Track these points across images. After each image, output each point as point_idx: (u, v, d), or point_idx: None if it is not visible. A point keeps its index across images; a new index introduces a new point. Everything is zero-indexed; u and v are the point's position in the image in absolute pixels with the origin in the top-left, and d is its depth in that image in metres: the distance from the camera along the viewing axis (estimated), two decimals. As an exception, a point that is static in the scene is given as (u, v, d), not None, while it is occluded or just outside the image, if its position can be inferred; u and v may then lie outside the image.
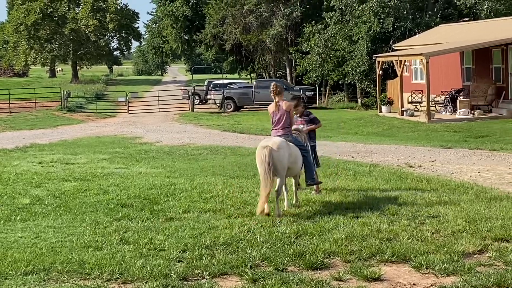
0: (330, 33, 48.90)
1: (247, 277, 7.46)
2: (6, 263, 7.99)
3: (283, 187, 11.24)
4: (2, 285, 7.26)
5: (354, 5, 45.97)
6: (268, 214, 10.52)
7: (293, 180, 11.96)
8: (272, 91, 11.50)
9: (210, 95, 51.77)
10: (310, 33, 51.60)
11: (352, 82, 49.04)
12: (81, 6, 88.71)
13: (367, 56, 44.15)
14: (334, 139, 26.14)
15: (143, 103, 49.98)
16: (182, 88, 62.59)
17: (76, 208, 11.66)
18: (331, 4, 48.80)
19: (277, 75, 63.00)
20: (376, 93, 40.28)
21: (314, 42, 50.16)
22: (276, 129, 11.49)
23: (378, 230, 9.35)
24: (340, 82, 50.73)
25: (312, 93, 49.58)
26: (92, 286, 7.29)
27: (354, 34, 45.96)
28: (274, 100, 11.48)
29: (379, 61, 38.64)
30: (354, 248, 8.45)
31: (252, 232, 9.42)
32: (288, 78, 59.55)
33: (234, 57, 68.57)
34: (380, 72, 39.06)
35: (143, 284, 7.33)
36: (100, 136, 29.04)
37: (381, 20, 43.79)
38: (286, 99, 11.86)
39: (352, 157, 19.25)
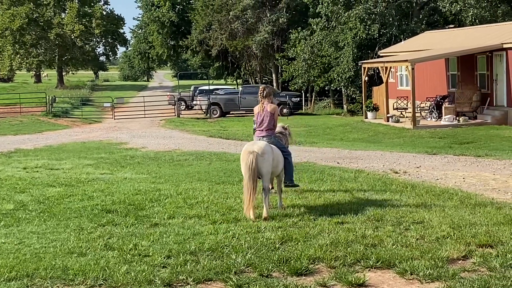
0: (316, 39, 49.05)
1: (231, 283, 7.44)
2: (-11, 269, 7.94)
3: (281, 185, 11.93)
4: (-15, 292, 7.21)
5: (340, 11, 46.13)
6: (253, 220, 10.55)
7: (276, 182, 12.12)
8: (260, 93, 11.92)
9: (196, 100, 51.75)
10: (296, 39, 51.75)
11: (338, 88, 49.20)
12: (67, 11, 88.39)
13: (353, 63, 44.33)
14: (319, 145, 26.18)
15: (129, 109, 49.88)
16: (168, 93, 62.55)
17: (60, 213, 11.59)
18: (317, 11, 48.96)
19: (263, 81, 63.07)
20: (362, 99, 40.40)
21: (300, 48, 50.30)
22: (260, 130, 11.92)
23: (363, 236, 9.35)
24: (326, 88, 50.88)
25: (298, 99, 49.66)
26: (76, 292, 7.25)
27: (340, 41, 46.14)
28: (261, 102, 11.88)
29: (365, 68, 38.77)
30: (339, 254, 8.44)
31: (237, 238, 9.40)
32: (274, 84, 59.63)
33: (220, 63, 68.65)
34: (366, 78, 39.19)
35: (127, 290, 7.30)
36: (86, 141, 28.94)
37: (367, 27, 43.98)
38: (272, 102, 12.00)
39: (338, 163, 19.27)
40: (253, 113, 12.56)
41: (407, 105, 36.40)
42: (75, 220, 10.98)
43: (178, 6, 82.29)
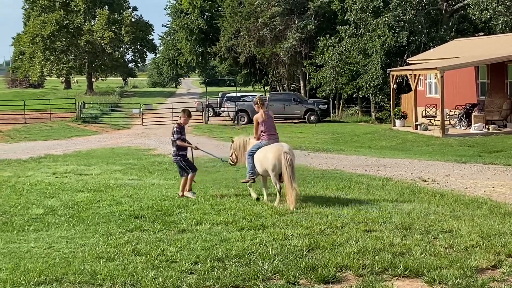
0: (344, 46, 48.98)
1: (258, 290, 7.44)
2: (19, 273, 8.00)
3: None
4: (15, 295, 7.28)
5: (369, 18, 46.02)
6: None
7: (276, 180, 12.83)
8: (258, 103, 13.48)
9: (224, 107, 51.88)
10: (324, 46, 51.70)
11: (366, 96, 49.05)
12: (96, 18, 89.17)
13: (381, 70, 44.16)
14: (347, 152, 26.10)
15: (157, 115, 50.13)
16: (196, 100, 62.77)
17: (89, 218, 11.69)
18: (345, 18, 48.90)
19: (291, 88, 63.03)
20: (390, 107, 40.22)
21: (328, 55, 50.24)
22: (271, 134, 13.31)
23: (391, 244, 9.29)
24: (354, 95, 50.76)
25: (326, 106, 49.59)
26: (104, 297, 7.29)
27: (369, 48, 46.00)
28: (261, 110, 13.35)
29: (393, 75, 38.59)
30: (367, 262, 8.39)
31: (264, 245, 9.39)
32: (302, 91, 59.56)
33: (248, 70, 68.70)
34: (394, 86, 39.00)
35: (154, 295, 7.32)
36: (114, 147, 29.15)
37: (396, 34, 43.82)
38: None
39: (365, 170, 19.19)
40: (279, 120, 12.94)
41: (436, 113, 36.13)
42: (104, 225, 11.05)
43: (206, 13, 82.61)
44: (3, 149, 28.87)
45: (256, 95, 59.03)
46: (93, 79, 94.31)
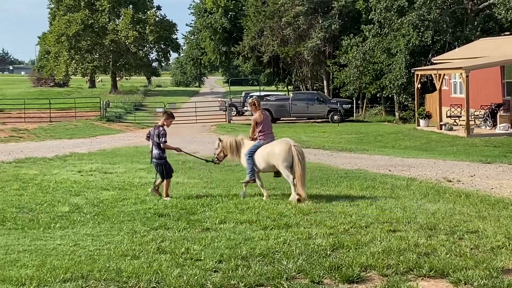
0: (368, 46, 48.79)
1: (282, 288, 7.45)
2: (45, 270, 8.08)
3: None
4: (41, 292, 7.35)
5: (393, 18, 45.82)
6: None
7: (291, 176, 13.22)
8: (255, 104, 13.85)
9: (247, 106, 51.88)
10: (348, 45, 51.55)
11: (390, 95, 48.84)
12: (121, 18, 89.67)
13: (406, 70, 43.94)
14: (371, 152, 26.02)
15: (181, 114, 50.27)
16: (219, 99, 62.90)
17: (114, 216, 11.76)
18: (369, 17, 48.72)
19: (314, 87, 62.92)
20: (414, 106, 40.02)
21: (352, 55, 50.08)
22: (269, 133, 13.76)
23: (416, 245, 9.25)
24: (378, 95, 50.53)
25: (349, 106, 49.47)
26: (129, 294, 7.34)
27: (393, 47, 45.80)
28: (259, 111, 13.79)
29: (417, 75, 38.39)
30: (391, 262, 8.36)
31: (288, 244, 9.40)
32: (325, 91, 59.45)
33: (272, 69, 68.67)
34: (419, 85, 38.81)
35: (179, 293, 7.36)
36: (138, 146, 29.27)
37: (420, 33, 43.58)
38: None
39: (389, 170, 19.12)
40: (303, 119, 13.04)
41: (460, 113, 35.89)
42: (129, 223, 11.12)
43: (230, 13, 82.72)
44: (29, 147, 29.14)
45: (280, 94, 59.09)
46: (117, 78, 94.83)
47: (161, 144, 13.75)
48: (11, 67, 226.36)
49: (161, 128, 13.86)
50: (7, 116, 46.77)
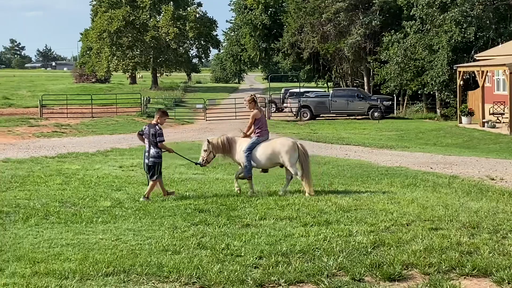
0: (409, 42, 48.32)
1: (323, 285, 7.43)
2: (88, 264, 8.19)
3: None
4: (84, 285, 7.43)
5: (435, 14, 45.30)
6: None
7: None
8: (254, 101, 14.11)
9: (287, 103, 51.88)
10: (389, 42, 51.10)
11: (431, 92, 48.35)
12: (162, 14, 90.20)
13: (448, 66, 43.43)
14: (412, 149, 25.81)
15: (221, 110, 50.47)
16: (258, 96, 62.87)
17: (155, 212, 11.85)
18: (411, 13, 48.24)
19: (354, 84, 62.55)
20: (456, 103, 39.58)
21: (393, 51, 49.65)
22: (265, 131, 14.11)
23: (458, 243, 9.15)
24: (419, 92, 50.03)
25: (390, 102, 49.09)
26: (170, 289, 7.39)
27: (435, 44, 45.29)
28: (259, 108, 14.18)
29: (460, 71, 37.93)
30: (433, 261, 8.29)
31: (328, 241, 9.37)
32: (366, 88, 59.06)
33: (311, 66, 68.38)
34: (461, 82, 38.35)
35: (220, 289, 7.39)
36: (178, 142, 29.41)
37: (463, 30, 43.01)
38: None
39: (431, 168, 18.94)
40: (342, 116, 13.01)
41: (503, 110, 35.35)
42: (169, 219, 11.20)
43: (270, 9, 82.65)
44: (71, 142, 29.51)
45: (320, 91, 58.89)
46: (157, 74, 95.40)
47: (158, 144, 13.50)
48: (54, 63, 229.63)
49: (157, 127, 13.56)
50: (50, 111, 47.39)
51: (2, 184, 15.60)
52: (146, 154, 13.60)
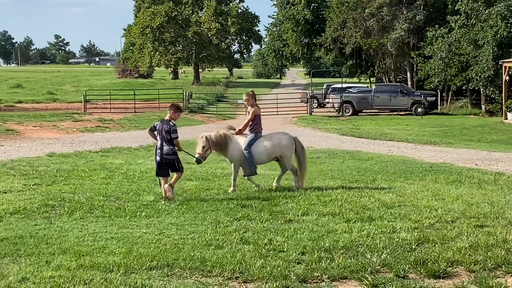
0: (454, 37, 47.72)
1: (367, 282, 7.37)
2: (132, 258, 8.25)
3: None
4: (128, 279, 7.49)
5: (481, 8, 44.66)
6: None
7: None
8: (254, 97, 14.24)
9: (329, 98, 51.72)
10: (433, 37, 50.53)
11: (476, 88, 47.69)
12: (204, 10, 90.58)
13: (493, 61, 42.79)
14: (456, 145, 25.50)
15: (262, 106, 50.21)
16: (300, 91, 62.81)
17: (197, 206, 11.90)
18: (456, 8, 47.63)
19: (397, 79, 62.02)
20: (502, 99, 38.96)
21: (437, 46, 49.09)
22: (260, 128, 14.10)
23: (504, 240, 9.01)
24: (463, 87, 49.39)
25: (434, 98, 48.58)
26: (214, 283, 7.39)
27: (480, 39, 44.64)
28: (256, 106, 14.11)
29: (505, 67, 37.34)
30: (479, 258, 8.17)
31: (372, 237, 9.31)
32: (409, 83, 58.53)
33: (354, 61, 68.02)
34: (507, 77, 37.75)
35: (263, 284, 7.37)
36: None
37: (509, 24, 42.31)
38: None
39: (476, 164, 18.68)
40: (385, 112, 12.78)
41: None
42: (212, 214, 11.23)
43: (313, 4, 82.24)
44: (114, 137, 29.82)
45: (362, 86, 58.48)
46: (199, 70, 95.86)
47: (174, 141, 12.98)
48: (97, 59, 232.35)
49: (170, 123, 13.03)
50: (94, 106, 47.96)
51: (47, 178, 15.84)
52: (158, 151, 13.03)
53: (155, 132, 13.19)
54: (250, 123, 14.04)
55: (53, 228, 10.30)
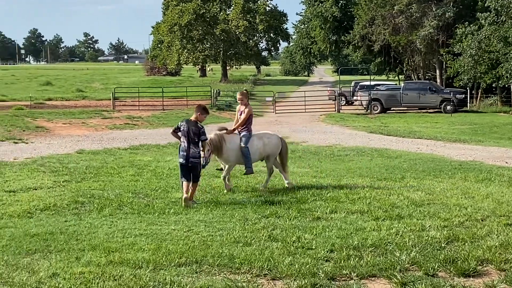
0: (484, 34, 47.20)
1: (396, 280, 7.33)
2: (161, 254, 8.30)
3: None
4: (157, 275, 7.53)
5: (511, 5, 44.13)
6: None
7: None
8: (248, 96, 14.28)
9: (357, 96, 51.48)
10: (463, 34, 50.03)
11: (506, 85, 47.17)
12: (232, 7, 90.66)
13: (524, 59, 42.28)
14: (485, 143, 25.26)
15: (290, 103, 50.41)
16: (328, 89, 62.63)
17: (226, 203, 11.94)
18: (486, 5, 47.11)
19: (426, 77, 61.56)
20: (532, 97, 38.51)
21: (466, 43, 48.60)
22: (250, 127, 13.91)
23: (535, 240, 8.91)
24: (493, 85, 48.87)
25: (463, 96, 48.12)
26: (242, 280, 7.40)
27: (510, 36, 44.12)
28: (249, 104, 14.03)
29: (536, 64, 36.86)
30: (509, 257, 8.09)
31: (401, 235, 9.26)
32: (438, 80, 58.05)
33: (382, 58, 67.64)
34: (537, 75, 37.26)
35: (291, 281, 7.36)
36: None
37: (540, 21, 41.79)
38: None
39: (506, 162, 18.51)
40: (414, 110, 12.67)
41: None
42: (240, 211, 11.25)
43: (341, 1, 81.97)
44: (143, 134, 29.99)
45: (390, 84, 58.14)
46: (227, 67, 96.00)
47: (203, 142, 12.41)
48: (125, 56, 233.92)
49: (198, 125, 12.39)
50: (123, 104, 48.26)
51: (77, 175, 15.99)
52: (183, 153, 12.34)
53: (179, 133, 12.58)
54: (246, 122, 13.85)
55: (82, 224, 10.40)
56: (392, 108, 48.11)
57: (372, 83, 54.59)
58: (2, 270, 7.81)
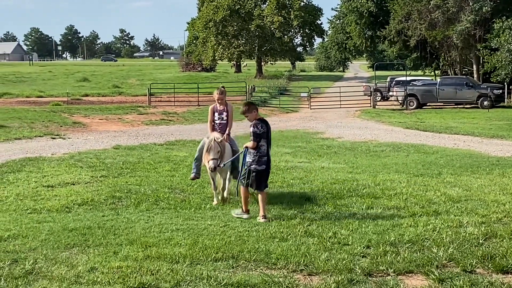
0: (522, 28, 46.55)
1: (433, 276, 7.29)
2: (197, 249, 8.35)
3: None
4: (194, 270, 7.58)
5: (550, -1, 43.47)
6: None
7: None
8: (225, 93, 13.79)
9: (392, 91, 51.09)
10: (500, 29, 49.37)
11: (545, 81, 46.49)
12: (267, 3, 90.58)
13: None
14: (524, 139, 24.90)
15: (325, 99, 50.24)
16: (364, 84, 62.28)
17: (261, 199, 11.93)
18: (524, -2, 46.48)
19: (463, 72, 60.89)
20: None
21: (504, 38, 47.96)
22: None
23: None
24: (532, 80, 48.17)
25: (501, 91, 47.48)
26: (279, 276, 7.42)
27: (549, 30, 43.48)
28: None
29: None
30: (549, 254, 7.99)
31: (438, 232, 9.20)
32: (475, 76, 57.39)
33: (418, 54, 67.05)
34: None
35: (328, 277, 7.36)
36: (283, 130, 29.56)
37: None
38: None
39: (546, 159, 18.23)
40: (450, 105, 12.46)
41: None
42: (276, 206, 11.26)
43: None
44: (178, 130, 30.15)
45: (427, 79, 57.63)
46: (262, 63, 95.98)
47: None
48: (161, 52, 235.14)
49: (257, 121, 11.16)
50: (158, 100, 48.52)
51: (114, 170, 16.14)
52: (264, 158, 10.92)
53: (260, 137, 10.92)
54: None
55: (120, 219, 10.50)
56: (428, 104, 47.68)
57: (408, 78, 54.09)
58: (41, 264, 7.93)
